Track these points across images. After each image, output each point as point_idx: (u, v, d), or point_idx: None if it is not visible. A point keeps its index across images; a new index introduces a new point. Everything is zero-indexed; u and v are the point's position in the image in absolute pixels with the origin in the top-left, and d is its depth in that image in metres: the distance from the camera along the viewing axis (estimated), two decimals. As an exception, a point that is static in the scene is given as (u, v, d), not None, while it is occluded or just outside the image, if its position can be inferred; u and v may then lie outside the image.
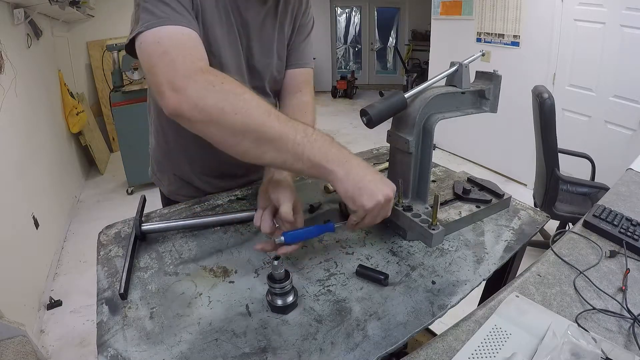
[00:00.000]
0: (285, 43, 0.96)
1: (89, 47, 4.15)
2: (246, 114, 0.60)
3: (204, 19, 0.78)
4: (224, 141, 0.64)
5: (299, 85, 0.99)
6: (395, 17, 7.16)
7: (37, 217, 2.22)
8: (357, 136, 4.66)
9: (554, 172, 1.91)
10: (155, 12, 0.67)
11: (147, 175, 1.12)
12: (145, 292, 0.66)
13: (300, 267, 0.72)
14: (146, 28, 0.66)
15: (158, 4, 0.68)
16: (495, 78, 0.83)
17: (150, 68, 0.64)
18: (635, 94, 2.44)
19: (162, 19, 0.66)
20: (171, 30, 0.66)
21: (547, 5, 2.82)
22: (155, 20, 0.66)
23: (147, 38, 0.66)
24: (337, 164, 0.63)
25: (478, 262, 0.73)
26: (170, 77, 0.61)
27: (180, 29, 0.68)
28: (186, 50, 0.65)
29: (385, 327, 0.58)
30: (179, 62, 0.62)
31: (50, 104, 3.06)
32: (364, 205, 0.64)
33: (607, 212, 0.89)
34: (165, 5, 0.68)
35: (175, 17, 0.68)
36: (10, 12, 2.43)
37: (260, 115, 0.61)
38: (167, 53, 0.64)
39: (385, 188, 0.66)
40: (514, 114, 2.98)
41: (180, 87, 0.60)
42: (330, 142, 0.65)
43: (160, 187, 1.08)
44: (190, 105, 0.60)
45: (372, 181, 0.65)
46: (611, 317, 0.63)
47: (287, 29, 0.95)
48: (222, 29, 0.81)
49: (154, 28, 0.66)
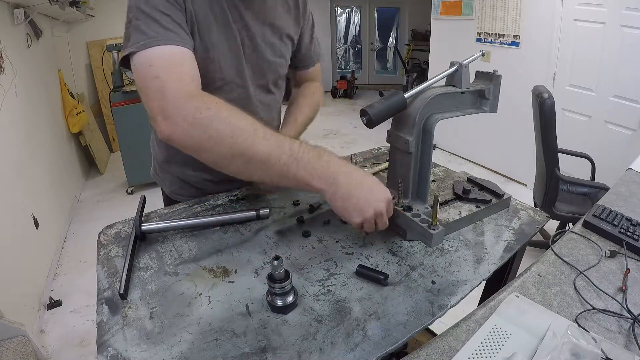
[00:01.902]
0: (288, 43, 0.97)
1: (89, 47, 4.15)
2: (232, 139, 0.63)
3: (199, 26, 0.78)
4: (216, 163, 0.67)
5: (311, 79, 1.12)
6: (395, 17, 7.16)
7: (37, 217, 2.22)
8: (357, 136, 4.65)
9: (554, 172, 1.91)
10: (147, 32, 0.69)
11: (147, 175, 1.12)
12: (145, 292, 0.66)
13: (300, 267, 0.72)
14: (137, 49, 0.68)
15: (149, 22, 0.69)
16: (495, 78, 0.83)
17: (142, 89, 0.68)
18: (635, 94, 2.44)
19: (152, 38, 0.68)
20: (162, 51, 0.68)
21: (547, 5, 2.82)
22: (147, 41, 0.68)
23: (140, 59, 0.68)
24: (324, 182, 0.65)
25: (478, 262, 0.73)
26: (161, 104, 0.65)
27: (170, 50, 0.69)
28: (176, 73, 0.67)
29: (385, 327, 0.58)
30: (169, 88, 0.65)
31: (50, 104, 3.06)
32: (354, 221, 0.67)
33: (607, 212, 0.89)
34: (156, 24, 0.69)
35: (167, 36, 0.70)
36: (10, 12, 2.43)
37: (246, 139, 0.63)
38: (158, 78, 0.66)
39: (376, 202, 0.66)
40: (514, 114, 2.98)
41: (170, 115, 0.64)
42: (317, 158, 0.65)
43: (162, 186, 1.08)
44: (180, 134, 0.64)
45: (361, 197, 0.66)
46: (611, 317, 0.63)
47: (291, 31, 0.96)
48: (219, 32, 0.81)
49: (146, 50, 0.68)
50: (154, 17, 0.70)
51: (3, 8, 2.34)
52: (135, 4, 0.71)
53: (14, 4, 2.44)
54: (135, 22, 0.70)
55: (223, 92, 0.87)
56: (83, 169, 3.68)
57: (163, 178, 1.06)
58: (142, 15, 0.70)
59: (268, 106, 0.99)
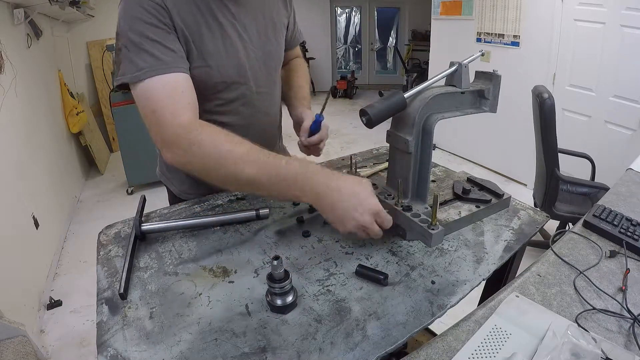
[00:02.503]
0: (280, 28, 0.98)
1: (89, 47, 4.15)
2: (221, 166, 0.69)
3: (192, 37, 0.79)
4: (216, 183, 0.73)
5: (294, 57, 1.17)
6: (395, 17, 7.16)
7: (37, 217, 2.22)
8: (357, 136, 4.65)
9: (554, 172, 1.91)
10: (138, 64, 0.72)
11: (147, 175, 1.12)
12: (145, 292, 0.66)
13: (300, 267, 0.72)
14: (130, 80, 0.72)
15: (140, 52, 0.72)
16: (495, 78, 0.82)
17: (144, 119, 0.74)
18: (635, 94, 2.43)
19: (144, 70, 0.72)
20: (155, 84, 0.72)
21: (547, 5, 2.82)
22: (138, 73, 0.72)
23: (137, 92, 0.73)
24: (311, 197, 0.68)
25: (478, 262, 0.73)
26: (161, 136, 0.72)
27: (163, 80, 0.72)
28: (171, 105, 0.72)
29: (384, 327, 0.58)
30: (165, 122, 0.71)
31: (50, 104, 3.06)
32: (340, 231, 0.69)
33: (607, 212, 0.89)
34: (146, 54, 0.72)
35: (158, 66, 0.72)
36: (10, 12, 2.43)
37: (233, 165, 0.68)
38: (155, 112, 0.72)
39: (359, 215, 0.66)
40: (514, 114, 2.98)
41: (170, 146, 0.72)
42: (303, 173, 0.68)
43: (170, 186, 1.07)
44: (179, 160, 0.72)
45: (345, 209, 0.67)
46: (611, 317, 0.63)
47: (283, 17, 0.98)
48: (213, 38, 0.82)
49: (141, 82, 0.72)
50: (144, 47, 0.72)
51: (3, 8, 2.34)
52: (123, 32, 0.73)
53: (14, 4, 2.44)
54: (125, 51, 0.73)
55: (226, 92, 0.88)
56: (83, 169, 3.68)
57: (171, 178, 1.05)
58: (131, 45, 0.72)
59: (270, 95, 1.00)
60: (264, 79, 0.96)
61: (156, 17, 0.73)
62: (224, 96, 0.89)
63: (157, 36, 0.73)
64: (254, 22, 0.89)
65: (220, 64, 0.84)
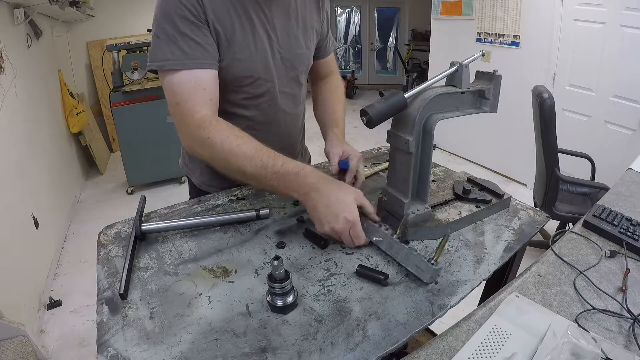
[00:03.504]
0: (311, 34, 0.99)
1: (89, 47, 4.15)
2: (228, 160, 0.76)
3: (224, 31, 0.81)
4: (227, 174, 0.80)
5: (330, 69, 1.14)
6: (395, 17, 7.15)
7: (37, 217, 2.22)
8: (357, 136, 4.66)
9: (554, 172, 1.91)
10: (166, 53, 0.77)
11: (147, 175, 1.13)
12: (145, 292, 0.66)
13: (300, 267, 0.72)
14: (158, 68, 0.79)
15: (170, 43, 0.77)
16: (495, 78, 0.82)
17: (169, 108, 0.81)
18: (635, 94, 2.43)
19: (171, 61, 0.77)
20: (182, 78, 0.78)
21: (547, 5, 2.82)
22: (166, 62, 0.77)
23: (165, 82, 0.80)
24: (300, 195, 0.74)
25: (478, 262, 0.73)
26: (181, 127, 0.81)
27: (189, 76, 0.78)
28: (192, 101, 0.78)
29: (385, 327, 0.58)
30: (186, 116, 0.78)
31: (50, 104, 3.06)
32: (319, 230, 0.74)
33: (607, 212, 0.89)
34: (175, 46, 0.77)
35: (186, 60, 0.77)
36: (10, 12, 2.43)
37: (237, 162, 0.76)
38: (178, 105, 0.79)
39: (335, 220, 0.71)
40: (514, 114, 2.98)
41: (187, 136, 0.81)
42: (295, 175, 0.74)
43: (192, 177, 1.09)
44: (194, 149, 0.81)
45: (324, 212, 0.71)
46: (611, 317, 0.63)
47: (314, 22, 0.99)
48: (244, 34, 0.84)
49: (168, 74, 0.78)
50: (174, 39, 0.76)
51: (3, 8, 2.34)
52: (158, 18, 0.77)
53: (14, 4, 2.44)
54: (156, 39, 0.78)
55: (251, 87, 0.91)
56: (83, 169, 3.68)
57: (192, 169, 1.08)
58: (163, 34, 0.77)
59: (293, 97, 1.01)
60: (288, 79, 0.97)
61: (190, 11, 0.76)
62: (250, 90, 0.91)
63: (189, 30, 0.77)
64: (285, 24, 0.91)
65: (249, 59, 0.86)
